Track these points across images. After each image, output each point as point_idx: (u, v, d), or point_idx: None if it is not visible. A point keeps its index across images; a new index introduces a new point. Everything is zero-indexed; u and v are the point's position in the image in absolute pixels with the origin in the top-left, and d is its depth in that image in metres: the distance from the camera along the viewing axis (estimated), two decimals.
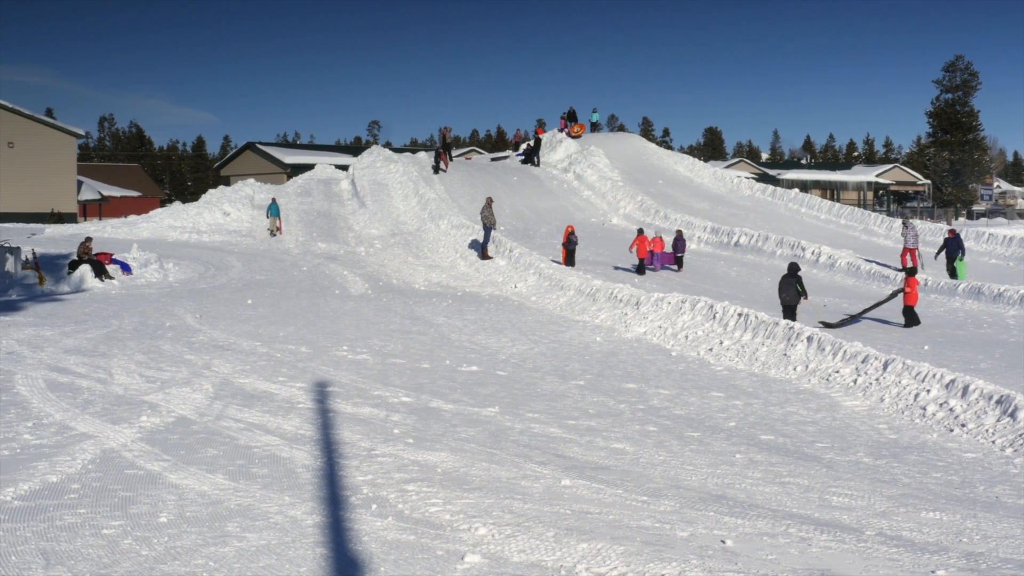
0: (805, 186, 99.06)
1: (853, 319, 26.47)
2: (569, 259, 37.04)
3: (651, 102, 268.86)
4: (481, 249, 38.76)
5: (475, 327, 24.33)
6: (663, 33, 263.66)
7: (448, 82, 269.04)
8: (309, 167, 65.72)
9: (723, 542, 9.08)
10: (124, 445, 12.22)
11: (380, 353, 20.01)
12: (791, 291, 24.79)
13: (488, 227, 38.41)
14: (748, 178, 69.54)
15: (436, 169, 55.02)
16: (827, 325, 25.62)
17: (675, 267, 38.36)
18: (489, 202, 39.21)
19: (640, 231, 38.22)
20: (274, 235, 48.06)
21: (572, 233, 37.78)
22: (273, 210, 48.84)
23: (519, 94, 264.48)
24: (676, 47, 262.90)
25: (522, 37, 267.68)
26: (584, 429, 13.81)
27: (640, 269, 36.80)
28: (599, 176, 55.54)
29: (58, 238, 47.63)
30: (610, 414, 14.95)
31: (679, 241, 38.71)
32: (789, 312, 24.61)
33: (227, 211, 51.87)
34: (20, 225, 65.91)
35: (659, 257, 38.09)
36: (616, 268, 37.79)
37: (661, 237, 39.14)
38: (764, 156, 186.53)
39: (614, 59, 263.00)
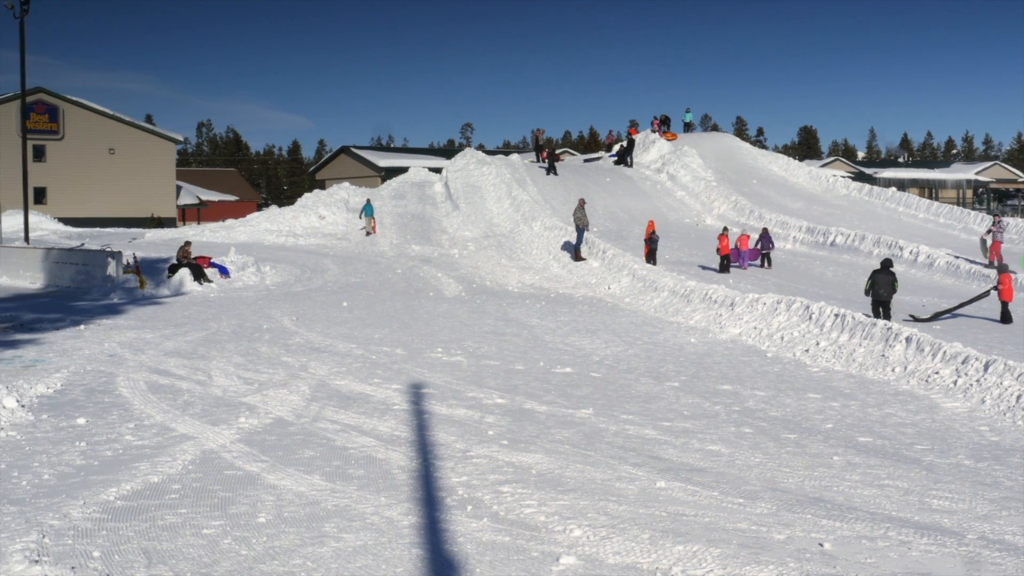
0: (902, 184, 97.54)
1: (943, 315, 26.08)
2: (650, 257, 36.94)
3: (745, 101, 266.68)
4: (574, 251, 38.71)
5: (569, 329, 24.31)
6: (757, 32, 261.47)
7: (540, 84, 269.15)
8: (403, 170, 66.13)
9: (821, 545, 8.98)
10: (223, 446, 12.40)
11: (474, 355, 20.07)
12: (887, 287, 24.52)
13: (581, 228, 38.35)
14: (844, 177, 68.66)
15: (549, 170, 55.32)
16: (917, 319, 25.28)
17: (759, 263, 38.15)
18: (582, 203, 39.13)
19: (724, 230, 38.02)
20: (369, 235, 48.52)
21: (654, 231, 37.70)
22: (368, 210, 49.37)
23: (612, 95, 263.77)
24: (771, 45, 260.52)
25: (614, 37, 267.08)
26: (679, 431, 13.74)
27: (723, 267, 36.64)
28: (692, 176, 55.22)
29: (158, 242, 48.49)
30: (705, 416, 14.86)
31: (765, 238, 38.62)
32: (883, 308, 24.36)
33: (322, 214, 52.39)
34: (121, 230, 67.16)
35: (745, 255, 37.88)
36: (703, 268, 37.64)
37: (748, 235, 38.88)
38: (860, 155, 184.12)
39: (707, 58, 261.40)
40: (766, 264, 38.17)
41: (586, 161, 63.97)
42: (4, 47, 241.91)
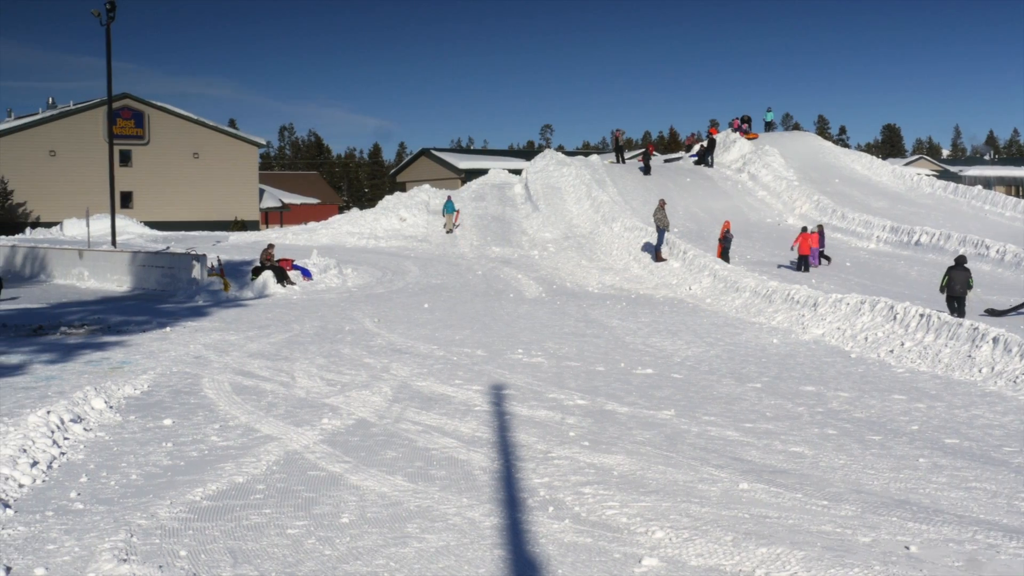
0: (988, 183, 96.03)
1: (1021, 308, 25.69)
2: (724, 255, 36.82)
3: (827, 100, 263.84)
4: (655, 251, 38.60)
5: (650, 329, 24.24)
6: (837, 30, 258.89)
7: (620, 84, 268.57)
8: (483, 172, 66.31)
9: (907, 548, 8.87)
10: (307, 447, 12.51)
11: (555, 356, 20.07)
12: (962, 283, 24.35)
13: (661, 229, 38.23)
14: (928, 175, 67.80)
15: (646, 170, 55.36)
16: (993, 313, 24.96)
17: (817, 262, 38.12)
18: (662, 204, 39.01)
19: (803, 229, 37.81)
20: (450, 232, 48.82)
21: (728, 231, 37.60)
22: (448, 207, 49.81)
23: (692, 95, 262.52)
24: (852, 43, 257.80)
25: (695, 37, 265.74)
26: (762, 432, 13.64)
27: (802, 266, 36.50)
28: (774, 176, 54.79)
29: (241, 245, 49.05)
30: (788, 417, 14.74)
31: (819, 236, 38.65)
32: (958, 304, 24.18)
33: (403, 216, 52.67)
34: (205, 233, 68.03)
35: (815, 253, 37.75)
36: (779, 267, 37.42)
37: (816, 233, 38.65)
38: (945, 152, 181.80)
39: (788, 57, 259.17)
40: (823, 262, 38.03)
41: (666, 161, 63.77)
42: (91, 54, 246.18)
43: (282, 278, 33.73)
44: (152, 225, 74.21)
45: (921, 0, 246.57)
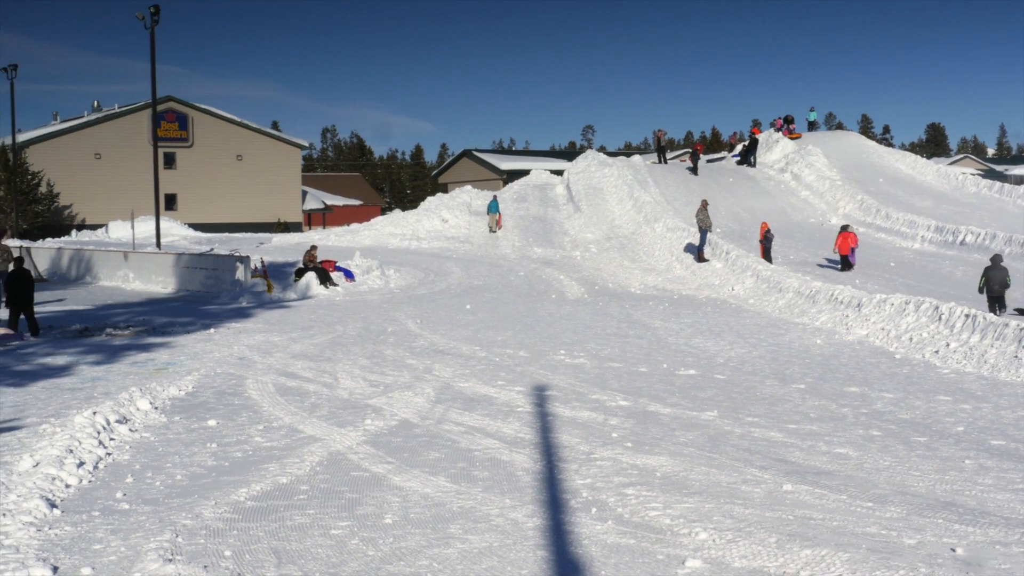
0: None
1: None
2: (766, 256, 36.79)
3: (870, 99, 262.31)
4: (697, 252, 38.49)
5: (692, 330, 24.17)
6: (881, 28, 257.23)
7: (662, 84, 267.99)
8: (524, 173, 66.33)
9: (953, 550, 8.80)
10: (350, 448, 12.55)
11: (597, 357, 20.05)
12: (1000, 282, 24.30)
13: (704, 229, 38.13)
14: (974, 175, 67.25)
15: (694, 170, 55.39)
16: (1022, 312, 24.86)
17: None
18: (704, 204, 38.90)
19: (843, 228, 37.72)
20: (493, 231, 49.01)
21: (768, 231, 37.55)
22: (493, 207, 50.07)
23: (734, 94, 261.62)
24: (897, 41, 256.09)
25: (738, 36, 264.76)
26: (805, 433, 13.58)
27: (844, 265, 36.43)
28: (817, 176, 54.48)
29: (284, 247, 49.25)
30: (832, 418, 14.66)
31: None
32: (998, 303, 24.10)
33: (445, 218, 52.77)
34: (249, 235, 68.39)
35: (853, 253, 37.70)
36: (820, 266, 37.31)
37: (855, 233, 38.55)
38: (990, 151, 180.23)
39: (831, 56, 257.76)
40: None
41: (709, 161, 63.56)
42: (136, 57, 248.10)
43: (325, 279, 33.86)
44: (196, 227, 74.69)
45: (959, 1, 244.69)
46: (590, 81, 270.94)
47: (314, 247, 36.17)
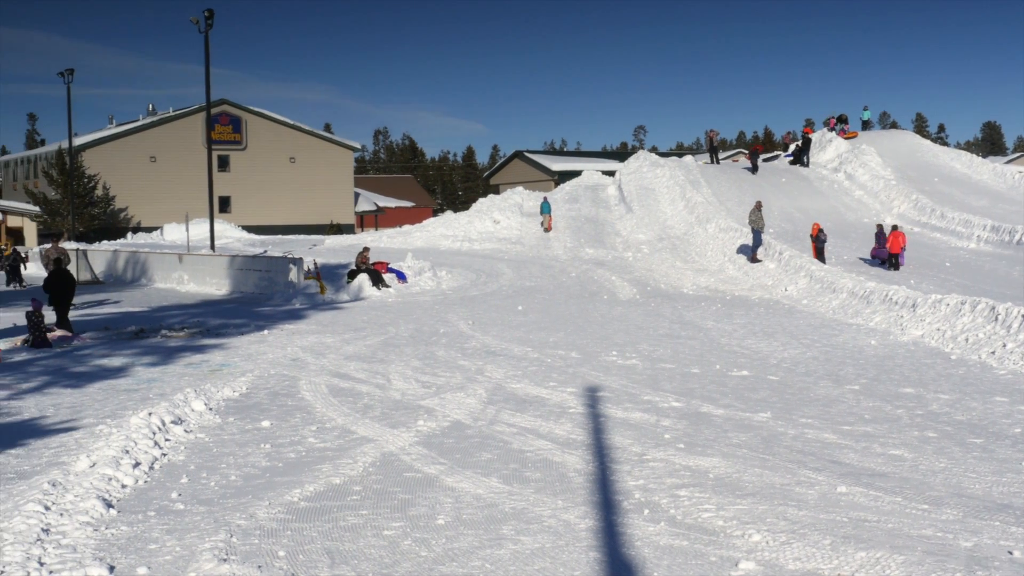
0: None
1: None
2: (818, 256, 36.64)
3: (925, 97, 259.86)
4: (751, 252, 38.31)
5: (745, 331, 24.06)
6: (936, 26, 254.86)
7: (714, 84, 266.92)
8: (576, 174, 66.34)
9: (1010, 553, 8.70)
10: (402, 449, 12.59)
11: (649, 358, 20.00)
12: None
13: (757, 230, 37.94)
14: None
15: (753, 169, 55.40)
16: None
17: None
18: (758, 205, 38.71)
19: (893, 227, 37.56)
20: (546, 231, 49.12)
21: (821, 231, 37.40)
22: (545, 208, 50.28)
23: (787, 94, 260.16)
24: (950, 40, 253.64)
25: (790, 35, 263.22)
26: (860, 435, 13.47)
27: (893, 264, 36.26)
28: (871, 175, 54.05)
29: (337, 248, 49.52)
30: (887, 419, 14.53)
31: (881, 236, 38.62)
32: None
33: (497, 219, 52.85)
34: (302, 236, 68.79)
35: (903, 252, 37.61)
36: (870, 264, 37.07)
37: (901, 232, 38.42)
38: None
39: (885, 55, 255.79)
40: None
41: (763, 161, 63.29)
42: (190, 61, 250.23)
43: (377, 281, 34.00)
44: (249, 229, 75.27)
45: None
46: (642, 81, 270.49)
47: (366, 249, 36.35)
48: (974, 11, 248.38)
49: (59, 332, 23.40)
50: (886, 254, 37.66)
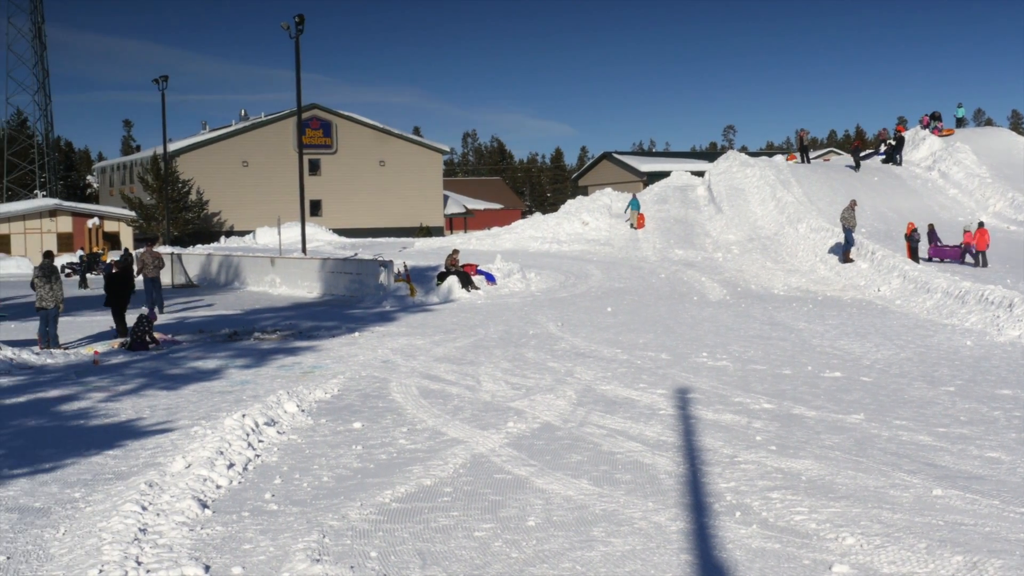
0: None
1: None
2: (912, 256, 36.28)
3: (1020, 94, 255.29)
4: (842, 252, 37.90)
5: (837, 332, 23.80)
6: None
7: (804, 82, 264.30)
8: (665, 174, 66.07)
9: None
10: (492, 450, 12.62)
11: (740, 359, 19.86)
12: None
13: (849, 230, 37.53)
14: None
15: (855, 167, 55.47)
16: None
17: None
18: (852, 205, 38.25)
19: (980, 225, 37.04)
20: (634, 227, 49.14)
21: (915, 230, 37.04)
22: (634, 204, 50.34)
23: (879, 92, 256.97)
24: None
25: (881, 32, 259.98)
26: (956, 437, 13.26)
27: (980, 261, 36.02)
28: (966, 173, 53.14)
29: (426, 251, 49.74)
30: (983, 421, 14.30)
31: (933, 234, 38.80)
32: None
33: (585, 220, 52.79)
34: (392, 239, 69.24)
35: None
36: (963, 263, 36.54)
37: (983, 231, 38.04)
38: None
39: (979, 51, 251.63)
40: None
41: (862, 158, 62.49)
42: (281, 66, 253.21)
43: (467, 283, 34.12)
44: (340, 232, 75.89)
45: None
46: (731, 81, 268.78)
47: (456, 251, 36.50)
48: None
49: (163, 336, 23.76)
50: (947, 252, 37.54)
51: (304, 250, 46.88)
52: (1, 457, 12.73)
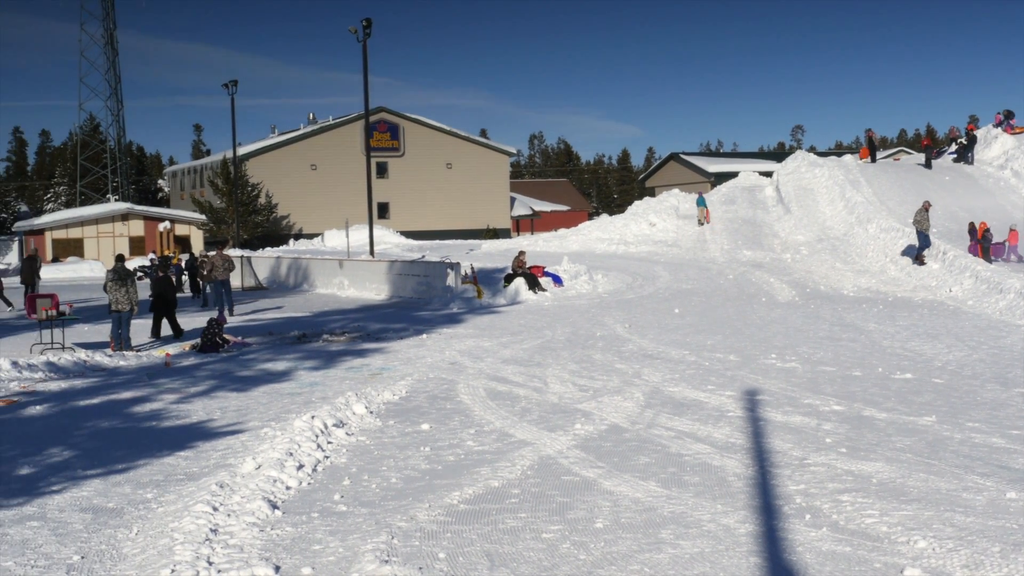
0: None
1: None
2: (984, 256, 36.01)
3: None
4: (916, 253, 37.48)
5: (908, 333, 23.55)
6: None
7: (872, 81, 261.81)
8: (732, 175, 65.77)
9: None
10: (560, 452, 12.62)
11: (809, 361, 19.71)
12: None
13: (922, 231, 37.10)
14: None
15: (928, 165, 55.23)
16: None
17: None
18: (926, 206, 37.73)
19: (1011, 228, 36.97)
20: (702, 224, 49.22)
21: (987, 230, 36.70)
22: (701, 201, 50.52)
23: (949, 90, 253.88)
24: None
25: (951, 30, 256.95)
26: None
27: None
28: None
29: (493, 253, 49.86)
30: None
31: (973, 231, 38.57)
32: None
33: (652, 222, 52.69)
34: (458, 241, 69.44)
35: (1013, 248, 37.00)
36: (1007, 261, 36.26)
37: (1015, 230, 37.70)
38: None
39: None
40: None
41: (939, 156, 61.80)
42: (349, 70, 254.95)
43: (534, 285, 34.15)
44: (407, 234, 76.24)
45: None
46: (799, 80, 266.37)
47: (523, 253, 36.54)
48: None
49: (234, 339, 23.99)
50: (978, 249, 37.43)
51: (372, 252, 47.14)
52: (75, 458, 12.92)
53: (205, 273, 33.20)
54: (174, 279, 35.65)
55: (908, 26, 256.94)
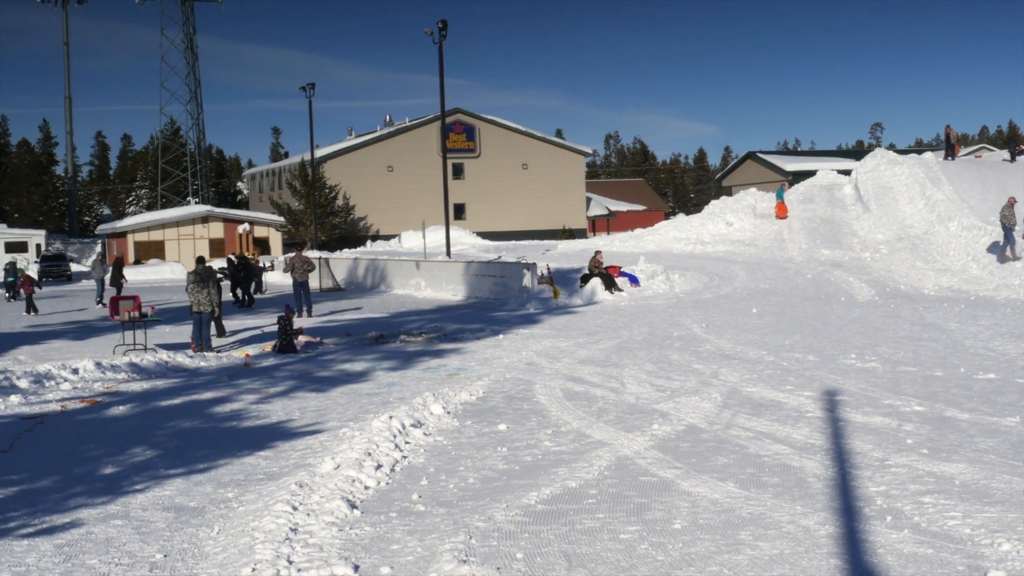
0: None
1: None
2: None
3: None
4: (1000, 251, 36.93)
5: (991, 333, 23.20)
6: None
7: (953, 77, 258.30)
8: (810, 174, 65.22)
9: None
10: (637, 452, 12.58)
11: (889, 361, 19.49)
12: None
13: (1008, 227, 36.54)
14: None
15: (1013, 160, 55.04)
16: None
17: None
18: (1011, 202, 37.18)
19: None
20: (778, 217, 49.17)
21: None
22: (779, 194, 50.44)
23: None
24: None
25: None
26: None
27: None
28: None
29: (569, 253, 49.85)
30: None
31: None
32: None
33: (730, 221, 52.40)
34: (535, 242, 69.51)
35: None
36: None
37: None
38: None
39: None
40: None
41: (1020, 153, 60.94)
42: (425, 72, 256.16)
43: (610, 285, 34.10)
44: (483, 235, 76.48)
45: None
46: (878, 78, 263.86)
47: (599, 253, 36.51)
48: None
49: (305, 338, 24.22)
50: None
51: (448, 253, 47.32)
52: (158, 458, 13.11)
53: (285, 270, 33.63)
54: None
55: (989, 22, 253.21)
